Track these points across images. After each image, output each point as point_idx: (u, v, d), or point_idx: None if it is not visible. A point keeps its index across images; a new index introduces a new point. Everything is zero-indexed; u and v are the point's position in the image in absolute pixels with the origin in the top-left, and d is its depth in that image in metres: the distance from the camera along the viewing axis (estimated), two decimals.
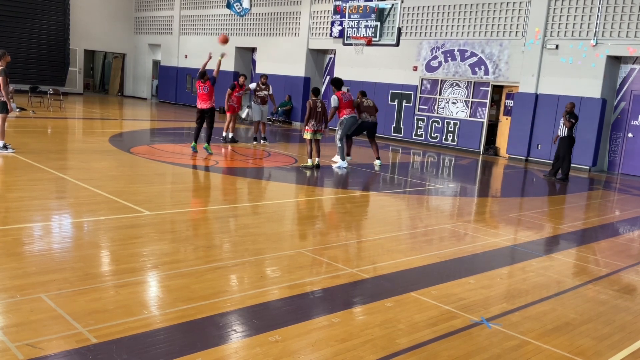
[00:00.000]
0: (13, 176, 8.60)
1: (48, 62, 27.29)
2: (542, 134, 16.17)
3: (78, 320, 3.83)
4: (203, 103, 12.33)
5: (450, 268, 5.89)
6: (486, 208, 9.80)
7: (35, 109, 18.88)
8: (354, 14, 17.81)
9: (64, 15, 27.80)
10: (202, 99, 12.31)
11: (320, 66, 23.04)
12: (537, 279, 5.71)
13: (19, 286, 4.34)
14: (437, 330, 4.21)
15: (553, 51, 15.84)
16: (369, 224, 7.80)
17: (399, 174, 12.87)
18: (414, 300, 4.79)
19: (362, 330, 4.10)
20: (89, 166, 10.00)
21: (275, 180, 10.79)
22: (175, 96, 28.80)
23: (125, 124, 18.68)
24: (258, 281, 4.97)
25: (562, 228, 8.42)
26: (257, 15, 24.16)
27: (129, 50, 31.46)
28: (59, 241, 5.71)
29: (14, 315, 3.87)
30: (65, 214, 6.79)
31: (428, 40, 18.71)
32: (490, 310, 4.72)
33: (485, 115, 17.66)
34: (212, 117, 12.43)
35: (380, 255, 6.07)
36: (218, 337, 3.83)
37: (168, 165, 10.83)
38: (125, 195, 7.75)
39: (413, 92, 19.18)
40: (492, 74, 17.26)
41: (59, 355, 3.39)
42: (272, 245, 6.15)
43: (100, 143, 13.03)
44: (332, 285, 4.99)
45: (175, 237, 6.11)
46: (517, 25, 16.67)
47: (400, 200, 9.55)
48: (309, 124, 11.67)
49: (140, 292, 4.57)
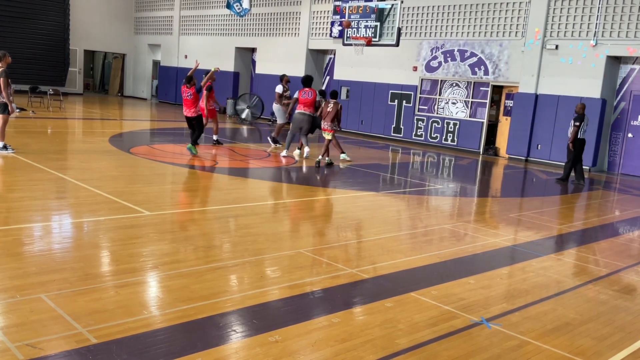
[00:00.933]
0: (13, 176, 8.59)
1: (48, 62, 27.28)
2: (542, 134, 16.17)
3: (78, 321, 3.83)
4: (188, 110, 12.15)
5: (450, 268, 5.89)
6: (486, 208, 9.80)
7: (35, 109, 18.88)
8: (353, 14, 17.80)
9: (64, 15, 27.80)
10: (187, 105, 12.14)
11: (320, 66, 23.04)
12: (537, 279, 5.71)
13: (19, 286, 4.34)
14: (437, 330, 4.21)
15: (553, 51, 15.85)
16: (369, 224, 7.79)
17: (399, 174, 12.87)
18: (414, 300, 4.80)
19: (362, 330, 4.10)
20: (89, 166, 10.00)
21: (275, 180, 10.79)
22: (175, 96, 28.78)
23: (125, 124, 18.68)
24: (258, 281, 4.97)
25: (562, 228, 8.42)
26: (257, 16, 24.16)
27: (128, 50, 31.46)
28: (59, 241, 5.71)
29: (14, 315, 3.87)
30: (65, 214, 6.79)
31: (428, 40, 18.71)
32: (490, 310, 4.72)
33: (485, 116, 17.66)
34: (200, 123, 12.29)
35: (380, 256, 6.07)
36: (218, 337, 3.83)
37: (168, 166, 10.83)
38: (125, 196, 7.75)
39: (413, 92, 19.18)
40: (492, 74, 17.26)
41: (59, 355, 3.39)
42: (272, 245, 6.15)
43: (100, 143, 13.03)
44: (332, 286, 4.99)
45: (175, 238, 6.11)
46: (517, 25, 16.67)
47: (400, 201, 9.55)
48: (326, 124, 12.16)
49: (140, 292, 4.57)
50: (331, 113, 12.13)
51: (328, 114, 12.17)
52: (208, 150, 13.10)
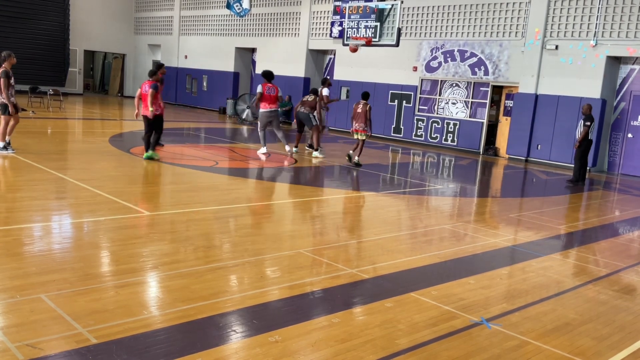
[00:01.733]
0: (13, 176, 8.60)
1: (48, 62, 27.28)
2: (542, 135, 16.17)
3: (78, 321, 3.83)
4: (145, 109, 10.85)
5: (450, 268, 5.89)
6: (486, 208, 9.80)
7: (35, 110, 18.87)
8: (353, 14, 17.79)
9: (64, 15, 27.80)
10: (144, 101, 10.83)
11: (320, 66, 23.04)
12: (537, 279, 5.71)
13: (19, 286, 4.34)
14: (437, 330, 4.21)
15: (553, 51, 15.85)
16: (369, 224, 7.80)
17: (398, 175, 12.88)
18: (414, 300, 4.80)
19: (362, 330, 4.10)
20: (89, 166, 10.00)
21: (275, 180, 10.79)
22: (175, 96, 28.80)
23: (125, 125, 18.67)
24: (258, 281, 4.97)
25: (562, 228, 8.42)
26: (257, 16, 24.16)
27: (128, 50, 31.45)
28: (59, 241, 5.71)
29: (14, 315, 3.87)
30: (65, 214, 6.79)
31: (428, 40, 18.72)
32: (490, 310, 4.72)
33: (485, 116, 17.67)
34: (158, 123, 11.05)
35: (380, 256, 6.07)
36: (218, 337, 3.83)
37: (168, 166, 10.82)
38: (125, 196, 7.75)
39: (413, 92, 19.19)
40: (491, 74, 17.26)
41: (59, 355, 3.39)
42: (271, 245, 6.15)
43: (100, 143, 13.03)
44: (332, 286, 4.99)
45: (175, 238, 6.11)
46: (516, 25, 16.67)
47: (400, 201, 9.55)
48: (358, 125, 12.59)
49: (140, 292, 4.57)
50: (361, 114, 12.49)
51: (358, 114, 12.56)
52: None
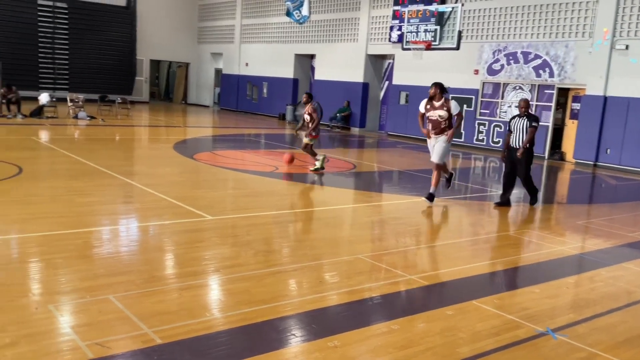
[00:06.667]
0: (82, 182, 8.97)
1: (116, 72, 28.48)
2: (611, 138, 15.51)
3: (144, 321, 3.95)
4: None
5: (513, 276, 5.73)
6: (551, 215, 9.48)
7: (105, 117, 19.68)
8: (413, 18, 17.67)
9: (130, 27, 28.94)
10: None
11: (379, 71, 22.96)
12: (606, 289, 5.47)
13: (88, 287, 4.52)
14: (500, 340, 4.10)
15: (623, 52, 15.19)
16: (429, 230, 7.69)
17: (459, 180, 12.64)
18: (475, 308, 4.69)
19: (422, 337, 4.04)
20: (154, 172, 10.32)
21: (334, 185, 10.80)
22: (236, 103, 29.37)
23: (189, 131, 19.19)
24: (317, 286, 4.99)
25: (634, 236, 8.03)
26: (316, 22, 24.33)
27: (192, 59, 32.36)
28: (126, 244, 5.92)
29: (84, 315, 4.03)
30: (132, 218, 7.04)
31: (490, 43, 18.33)
32: (556, 320, 4.55)
33: (550, 119, 17.11)
34: None
35: (441, 262, 5.97)
36: (278, 340, 3.86)
37: (229, 171, 11.04)
38: (189, 201, 7.95)
39: (474, 96, 18.82)
40: (557, 76, 16.71)
41: (126, 354, 3.51)
42: (330, 250, 6.16)
43: (165, 150, 13.43)
44: (391, 292, 4.95)
45: (236, 242, 6.22)
46: (583, 25, 16.08)
47: (461, 207, 9.38)
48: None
49: (203, 294, 4.67)
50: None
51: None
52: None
